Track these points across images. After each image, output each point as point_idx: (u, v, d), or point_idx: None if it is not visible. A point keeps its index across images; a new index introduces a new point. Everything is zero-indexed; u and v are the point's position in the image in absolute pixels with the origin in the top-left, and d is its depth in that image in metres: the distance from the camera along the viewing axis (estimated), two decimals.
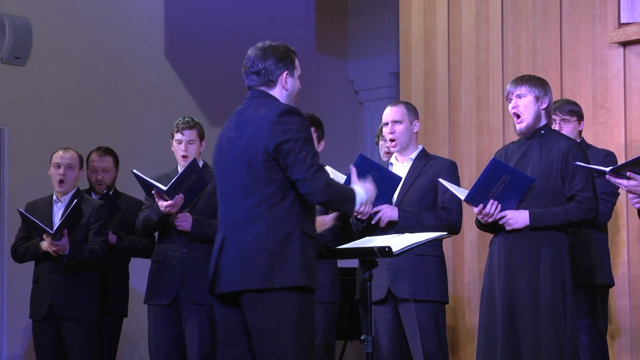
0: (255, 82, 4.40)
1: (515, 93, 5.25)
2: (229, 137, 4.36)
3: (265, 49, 4.41)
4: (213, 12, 9.13)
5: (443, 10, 7.46)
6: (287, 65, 4.40)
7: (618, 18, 6.56)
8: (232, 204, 4.28)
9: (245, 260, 4.19)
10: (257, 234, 4.19)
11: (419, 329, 5.55)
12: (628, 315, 6.41)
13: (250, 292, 4.19)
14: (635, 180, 4.63)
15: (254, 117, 4.29)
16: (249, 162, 4.24)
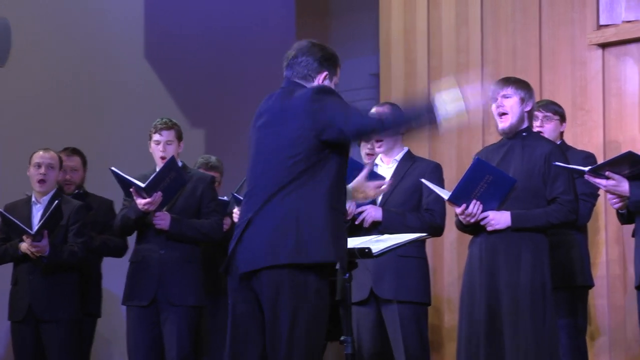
0: (294, 74, 4.35)
1: (501, 93, 5.27)
2: (259, 124, 4.31)
3: (314, 44, 4.39)
4: (193, 14, 9.12)
5: (423, 12, 7.47)
6: (329, 67, 4.37)
7: (597, 20, 6.59)
8: (262, 189, 4.20)
9: (272, 239, 4.12)
10: (285, 213, 4.12)
11: (402, 330, 5.56)
12: (606, 316, 6.44)
13: (272, 269, 4.10)
14: (613, 180, 4.66)
15: (289, 102, 4.24)
16: (284, 147, 4.18)
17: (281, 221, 4.13)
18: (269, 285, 4.13)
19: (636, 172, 4.63)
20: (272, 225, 4.14)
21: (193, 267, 6.14)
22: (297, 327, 4.11)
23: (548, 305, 5.10)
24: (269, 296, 4.13)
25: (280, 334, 4.12)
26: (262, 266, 4.13)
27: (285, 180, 4.16)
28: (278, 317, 4.12)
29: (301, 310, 4.12)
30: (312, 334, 4.16)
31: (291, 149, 4.18)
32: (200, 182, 6.23)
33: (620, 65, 6.53)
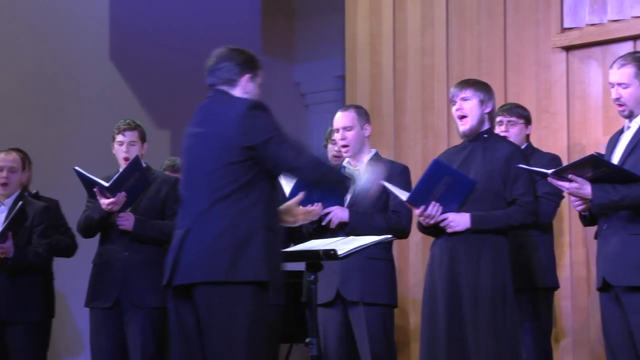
0: (217, 80, 4.42)
1: (460, 96, 5.28)
2: (194, 133, 4.37)
3: (233, 50, 4.45)
4: (159, 15, 9.10)
5: (389, 14, 7.49)
6: (250, 69, 4.44)
7: (561, 23, 6.63)
8: (197, 198, 4.27)
9: (208, 253, 4.18)
10: (222, 229, 4.18)
11: (368, 332, 5.57)
12: (570, 317, 6.48)
13: (208, 285, 4.17)
14: (576, 182, 4.68)
15: (220, 113, 4.31)
16: (217, 158, 4.24)
17: (218, 237, 4.19)
18: (204, 299, 4.20)
19: (599, 174, 4.65)
20: (209, 238, 4.20)
21: (157, 268, 6.11)
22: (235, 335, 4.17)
23: (509, 306, 5.13)
24: (205, 309, 4.20)
25: (217, 342, 4.18)
26: (198, 281, 4.20)
27: (220, 192, 4.22)
28: (214, 327, 4.19)
29: (238, 319, 4.17)
30: (254, 341, 4.19)
31: (222, 160, 4.24)
32: (165, 184, 6.22)
33: (584, 68, 6.57)
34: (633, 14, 6.32)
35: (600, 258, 4.82)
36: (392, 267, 5.74)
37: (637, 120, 4.83)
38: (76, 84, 8.51)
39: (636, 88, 4.80)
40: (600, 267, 4.81)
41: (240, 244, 4.17)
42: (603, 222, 4.81)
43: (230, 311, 4.16)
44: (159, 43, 9.01)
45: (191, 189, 4.33)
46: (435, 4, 7.25)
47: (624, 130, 4.92)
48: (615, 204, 4.65)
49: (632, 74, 4.80)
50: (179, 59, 8.91)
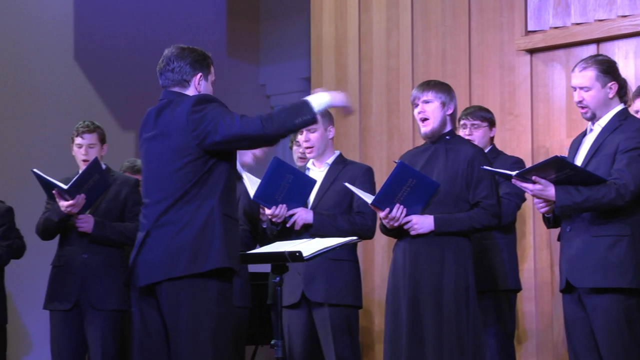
0: (169, 82, 4.43)
1: (422, 98, 5.31)
2: (148, 137, 4.39)
3: (183, 49, 4.45)
4: (124, 15, 9.06)
5: (354, 16, 7.50)
6: (202, 67, 4.44)
7: (525, 26, 6.67)
8: (156, 201, 4.30)
9: (169, 251, 4.20)
10: (181, 226, 4.22)
11: (332, 333, 5.57)
12: (534, 320, 6.51)
13: (171, 281, 4.19)
14: (540, 184, 4.71)
15: (170, 115, 4.32)
16: (173, 159, 4.26)
17: (177, 233, 4.23)
18: (169, 296, 4.21)
19: (563, 176, 4.68)
20: (168, 237, 4.23)
21: (116, 271, 6.10)
22: (200, 332, 4.18)
23: (472, 308, 5.15)
24: (170, 306, 4.21)
25: (181, 338, 4.19)
26: (161, 279, 4.22)
27: (178, 192, 4.26)
28: (180, 325, 4.20)
29: (203, 316, 4.20)
30: (218, 338, 4.22)
31: (178, 161, 4.27)
32: (125, 185, 6.21)
33: (548, 71, 6.60)
34: (596, 17, 6.36)
35: (563, 260, 4.84)
36: (356, 268, 5.74)
37: (599, 122, 4.87)
38: (39, 85, 8.45)
39: (598, 91, 4.84)
40: (563, 269, 4.84)
41: (199, 235, 4.20)
42: (566, 224, 4.84)
43: (195, 305, 4.18)
44: (124, 44, 8.98)
45: (151, 193, 4.36)
46: (400, 6, 7.27)
47: (587, 132, 4.95)
48: (578, 206, 4.68)
49: (593, 77, 4.83)
50: (144, 60, 8.87)
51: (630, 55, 6.25)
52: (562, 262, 4.86)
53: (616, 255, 4.68)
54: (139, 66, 8.81)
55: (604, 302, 4.69)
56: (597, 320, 4.70)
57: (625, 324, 4.68)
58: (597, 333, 4.70)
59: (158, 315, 4.28)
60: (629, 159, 4.66)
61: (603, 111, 4.85)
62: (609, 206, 4.65)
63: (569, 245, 4.81)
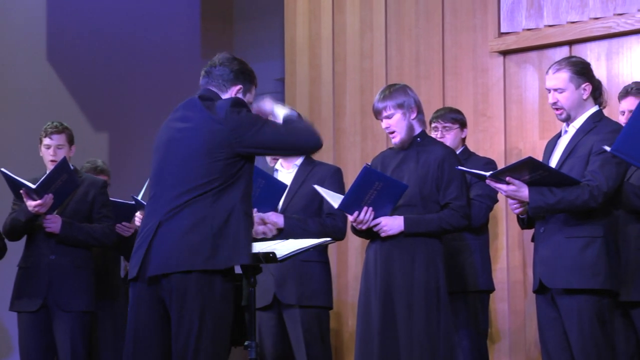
0: (210, 82, 4.42)
1: (384, 114, 5.32)
2: (177, 127, 4.33)
3: (235, 58, 4.47)
4: (97, 16, 9.01)
5: (328, 17, 7.50)
6: (245, 81, 4.44)
7: (498, 28, 6.69)
8: (173, 192, 4.23)
9: (186, 243, 4.15)
10: (199, 219, 4.17)
11: (303, 334, 5.58)
12: (507, 320, 6.53)
13: (183, 274, 4.15)
14: (514, 185, 4.72)
15: (205, 112, 4.29)
16: (202, 155, 4.22)
17: (195, 226, 4.17)
18: (178, 289, 4.16)
19: (536, 177, 4.70)
20: (185, 228, 4.17)
21: (84, 272, 6.09)
22: (204, 329, 4.16)
23: (443, 308, 5.17)
24: (177, 299, 4.16)
25: (188, 335, 4.15)
26: (175, 270, 4.16)
27: (200, 186, 4.21)
28: (186, 319, 4.15)
29: (208, 313, 4.17)
30: (219, 336, 4.21)
31: (208, 156, 4.22)
32: (92, 187, 6.19)
33: (521, 73, 6.63)
34: (569, 19, 6.39)
35: (536, 260, 4.87)
36: (327, 270, 5.75)
37: (574, 124, 4.89)
38: (12, 86, 8.40)
39: (572, 92, 4.86)
40: (537, 269, 4.86)
41: (221, 231, 4.17)
42: (540, 225, 4.86)
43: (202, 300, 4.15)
44: (98, 44, 8.94)
45: (166, 181, 4.29)
46: (374, 7, 7.28)
47: (561, 134, 4.98)
48: (551, 207, 4.70)
49: (567, 79, 4.86)
50: (118, 61, 8.84)
51: (602, 57, 6.28)
52: (535, 263, 4.88)
53: (589, 257, 4.70)
54: (112, 67, 8.78)
55: (577, 302, 4.71)
56: (570, 321, 4.72)
57: (597, 324, 4.71)
58: (570, 333, 4.73)
59: (157, 309, 4.23)
60: (603, 161, 4.69)
61: (577, 112, 4.88)
62: (582, 208, 4.68)
63: (542, 246, 4.84)
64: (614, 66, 6.25)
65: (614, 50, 6.26)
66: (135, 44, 8.75)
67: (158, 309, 4.23)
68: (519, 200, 4.77)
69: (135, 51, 8.93)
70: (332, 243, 5.42)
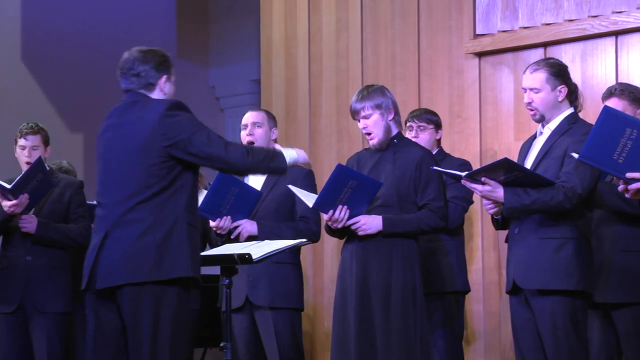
0: (134, 85, 4.39)
1: (361, 115, 5.32)
2: (110, 136, 4.34)
3: (145, 53, 4.42)
4: (72, 16, 8.99)
5: (303, 18, 7.51)
6: (165, 69, 4.43)
7: (473, 29, 6.71)
8: (116, 201, 4.24)
9: (131, 254, 4.15)
10: (144, 229, 4.17)
11: (276, 336, 5.57)
12: (482, 321, 6.55)
13: (133, 286, 4.15)
14: (489, 186, 4.73)
15: (137, 115, 4.28)
16: (138, 159, 4.22)
17: (140, 236, 4.18)
18: (131, 300, 4.17)
19: (511, 178, 4.71)
20: (131, 239, 4.19)
21: (61, 273, 6.07)
22: (159, 334, 4.16)
23: (419, 309, 5.17)
24: (132, 310, 4.18)
25: (143, 343, 4.16)
26: (120, 283, 4.18)
27: (142, 193, 4.22)
28: (140, 327, 4.17)
29: (163, 318, 4.17)
30: (176, 340, 4.20)
31: (143, 162, 4.23)
32: (68, 187, 6.18)
33: (496, 74, 6.65)
34: (543, 21, 6.42)
35: (511, 261, 4.88)
36: (299, 272, 5.75)
37: (549, 125, 4.91)
38: None
39: (547, 93, 4.87)
40: (510, 270, 4.87)
41: (164, 241, 4.17)
42: (514, 226, 4.87)
43: (156, 312, 4.15)
44: (73, 45, 8.91)
45: (109, 192, 4.30)
46: (349, 8, 7.29)
47: (537, 135, 4.99)
48: (526, 208, 4.71)
49: (543, 79, 4.87)
50: (93, 61, 8.82)
51: (576, 59, 6.31)
52: (509, 264, 4.89)
53: (563, 258, 4.72)
54: (88, 68, 8.75)
55: (551, 303, 4.72)
56: (543, 322, 4.73)
57: (571, 325, 4.72)
58: (544, 334, 4.74)
59: (115, 317, 4.24)
60: (577, 163, 4.70)
61: (552, 114, 4.89)
62: (557, 209, 4.69)
63: (516, 247, 4.85)
64: (588, 68, 6.28)
65: (589, 52, 6.29)
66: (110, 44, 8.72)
67: (114, 318, 4.25)
68: (494, 200, 4.78)
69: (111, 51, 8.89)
70: (308, 243, 5.41)
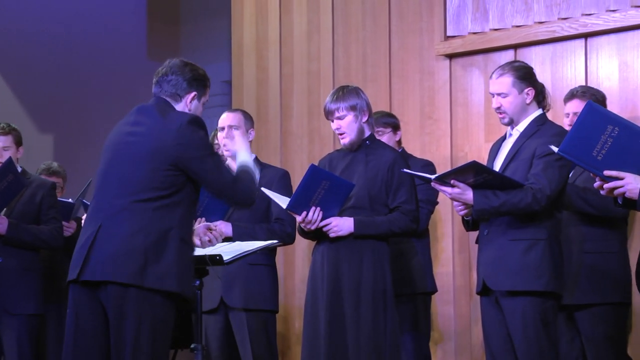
0: (163, 91, 4.38)
1: (336, 115, 5.32)
2: (128, 131, 4.31)
3: (186, 64, 4.43)
4: (43, 17, 8.95)
5: (275, 19, 7.50)
6: (198, 87, 4.42)
7: (444, 31, 6.73)
8: (115, 194, 4.22)
9: (122, 252, 4.13)
10: (137, 229, 4.15)
11: (250, 338, 5.58)
12: (452, 322, 6.57)
13: (119, 285, 4.13)
14: (458, 188, 4.75)
15: (159, 119, 4.27)
16: (146, 161, 4.20)
17: (131, 236, 4.15)
18: (115, 296, 4.15)
19: (480, 180, 4.73)
20: (123, 237, 4.16)
21: (32, 275, 6.05)
22: (141, 334, 4.14)
23: (389, 311, 5.18)
24: (115, 305, 4.15)
25: (125, 341, 4.14)
26: (109, 280, 4.15)
27: (142, 195, 4.19)
28: (123, 326, 4.14)
29: (146, 319, 4.15)
30: (157, 342, 4.20)
31: (151, 164, 4.21)
32: (40, 188, 6.15)
33: (466, 76, 6.67)
34: (514, 23, 6.45)
35: (481, 263, 4.90)
36: (273, 273, 5.76)
37: (518, 127, 4.93)
38: None
39: (515, 97, 4.90)
40: (480, 271, 4.89)
41: (154, 247, 4.14)
42: (484, 227, 4.89)
43: (139, 316, 4.14)
44: (43, 44, 8.87)
45: (109, 186, 4.27)
46: (321, 10, 7.29)
47: (506, 137, 5.02)
48: (495, 210, 4.73)
49: (510, 83, 4.89)
50: (63, 62, 8.78)
51: (546, 61, 6.34)
52: (479, 265, 4.91)
53: (532, 259, 4.74)
54: (57, 68, 8.71)
55: (521, 304, 4.74)
56: (514, 323, 4.75)
57: (541, 326, 4.74)
58: (514, 335, 4.76)
59: (96, 311, 4.22)
60: (546, 164, 4.73)
61: (521, 117, 4.92)
62: (526, 210, 4.71)
63: (486, 248, 4.87)
64: (558, 70, 6.31)
65: (558, 54, 6.32)
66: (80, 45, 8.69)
67: (98, 313, 4.22)
68: (464, 202, 4.80)
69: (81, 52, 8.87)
70: (279, 245, 5.42)
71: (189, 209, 4.29)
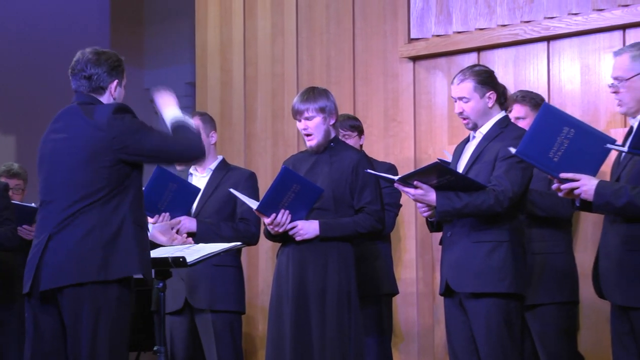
0: (84, 88, 4.37)
1: (304, 116, 5.33)
2: (56, 138, 4.31)
3: (99, 55, 4.39)
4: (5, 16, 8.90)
5: (239, 22, 7.50)
6: (118, 74, 4.41)
7: (408, 33, 6.75)
8: (61, 204, 4.21)
9: (77, 255, 4.13)
10: (89, 229, 4.16)
11: (215, 339, 5.57)
12: (416, 323, 6.58)
13: (76, 287, 4.13)
14: (422, 189, 4.77)
15: (85, 118, 4.26)
16: (87, 163, 4.20)
17: (86, 236, 4.16)
18: (72, 300, 4.15)
19: (444, 182, 4.74)
20: (76, 239, 4.17)
21: None
22: (98, 335, 4.15)
23: (354, 312, 5.20)
24: (71, 311, 4.16)
25: (82, 343, 4.15)
26: (67, 284, 4.15)
27: (87, 195, 4.20)
28: (80, 328, 4.15)
29: (102, 319, 4.16)
30: (115, 341, 4.20)
31: (91, 164, 4.22)
32: None
33: (430, 78, 6.69)
34: (477, 26, 6.48)
35: (444, 264, 4.91)
36: (239, 274, 5.75)
37: (481, 130, 4.95)
38: None
39: (477, 101, 4.92)
40: (444, 273, 4.91)
41: (111, 240, 4.16)
42: (447, 229, 4.91)
43: (96, 314, 4.14)
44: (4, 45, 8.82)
45: (54, 194, 4.27)
46: (285, 12, 7.29)
47: (469, 139, 5.04)
48: (458, 211, 4.75)
49: (471, 88, 4.92)
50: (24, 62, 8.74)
51: (509, 64, 6.37)
52: (442, 266, 4.93)
53: (495, 261, 4.76)
54: (18, 68, 8.67)
55: (484, 306, 4.76)
56: (477, 324, 4.77)
57: (504, 327, 4.76)
58: (477, 337, 4.78)
59: (56, 320, 4.21)
60: (508, 166, 4.75)
61: (484, 120, 4.94)
62: (488, 212, 4.73)
63: (449, 250, 4.89)
64: (521, 72, 6.34)
65: (521, 57, 6.35)
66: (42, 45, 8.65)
67: (55, 321, 4.22)
68: (427, 204, 4.82)
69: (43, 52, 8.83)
70: (242, 247, 5.41)
71: (137, 191, 4.30)
